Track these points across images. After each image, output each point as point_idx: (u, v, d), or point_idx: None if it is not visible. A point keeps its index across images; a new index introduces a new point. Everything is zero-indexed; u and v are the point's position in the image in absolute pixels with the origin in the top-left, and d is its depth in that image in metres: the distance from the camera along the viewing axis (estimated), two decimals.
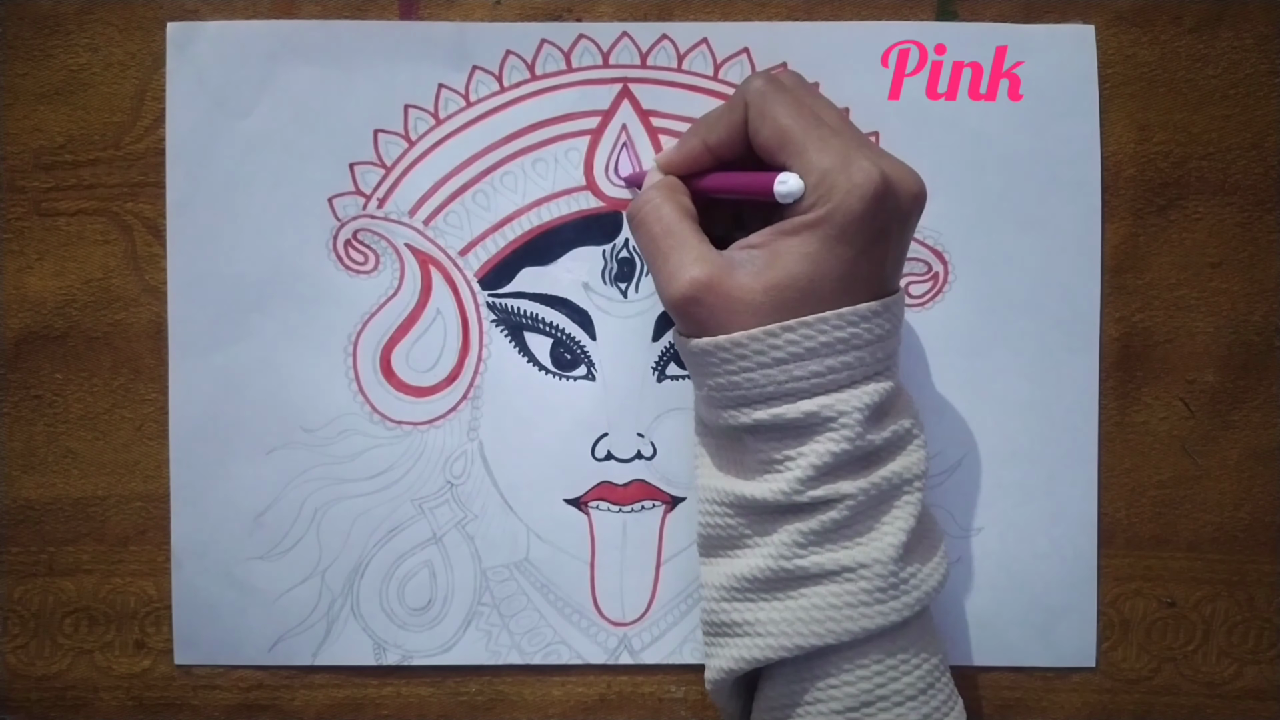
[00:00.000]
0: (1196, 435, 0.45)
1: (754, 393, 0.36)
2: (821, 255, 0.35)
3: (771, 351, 0.35)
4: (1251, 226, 0.45)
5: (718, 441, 0.39)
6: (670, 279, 0.36)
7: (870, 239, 0.35)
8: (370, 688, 0.45)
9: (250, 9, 0.44)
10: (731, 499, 0.37)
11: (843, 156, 0.34)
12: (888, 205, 0.35)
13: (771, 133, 0.36)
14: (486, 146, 0.44)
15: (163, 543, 0.45)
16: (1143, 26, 0.45)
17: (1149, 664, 0.45)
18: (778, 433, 0.36)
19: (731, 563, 0.38)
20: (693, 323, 0.37)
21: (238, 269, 0.44)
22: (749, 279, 0.35)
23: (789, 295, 0.35)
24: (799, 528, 0.36)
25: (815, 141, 0.35)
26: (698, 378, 0.38)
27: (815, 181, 0.35)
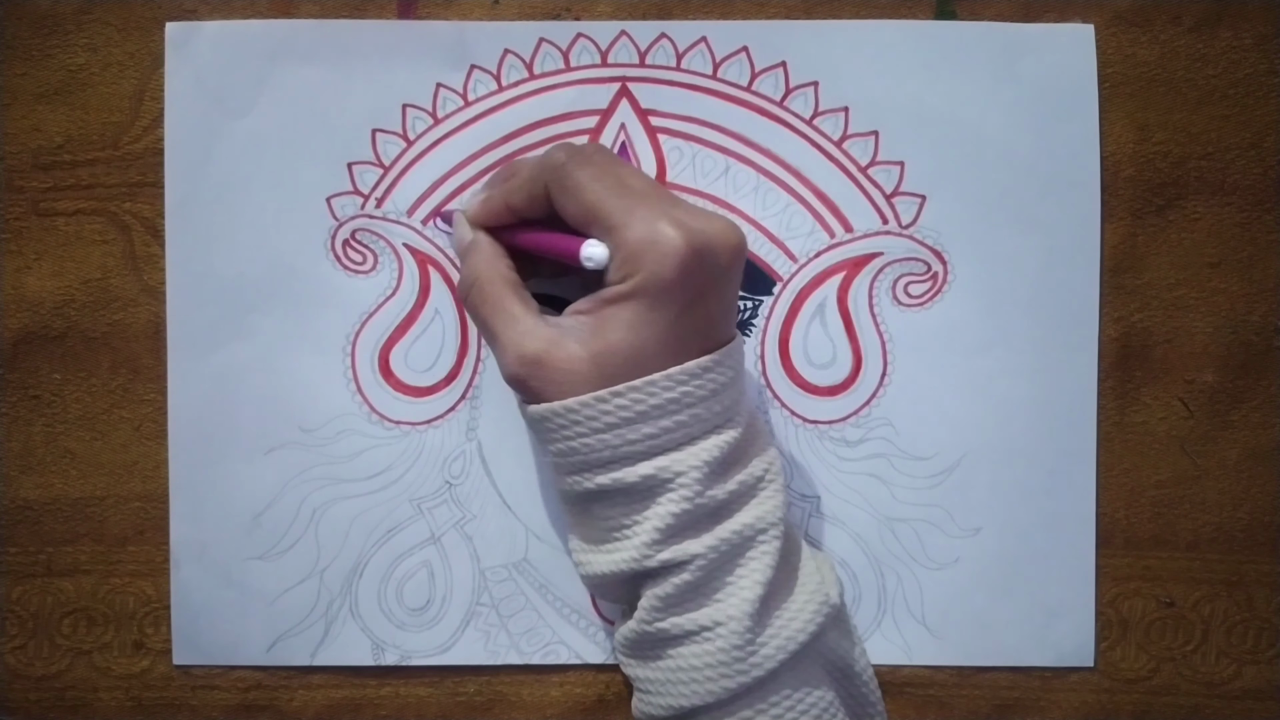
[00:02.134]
0: (1195, 435, 0.45)
1: (591, 458, 0.36)
2: (641, 323, 0.35)
3: (603, 417, 0.35)
4: (1251, 226, 0.45)
5: (572, 512, 0.40)
6: (501, 356, 0.37)
7: (688, 301, 0.35)
8: (369, 688, 0.45)
9: (248, 9, 0.44)
10: (599, 579, 0.38)
11: (649, 225, 0.34)
12: (702, 266, 0.35)
13: (576, 209, 0.36)
14: (485, 146, 0.44)
15: (161, 543, 0.45)
16: (1142, 26, 0.45)
17: (1148, 664, 0.45)
18: (621, 497, 0.37)
19: (620, 623, 0.40)
20: (528, 394, 0.37)
21: (236, 269, 0.44)
22: (577, 348, 0.36)
23: (614, 362, 0.35)
24: (655, 592, 0.37)
25: (620, 213, 0.35)
26: (541, 445, 0.38)
27: (625, 255, 0.35)
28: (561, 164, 0.37)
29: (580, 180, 0.36)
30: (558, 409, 0.36)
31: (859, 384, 0.45)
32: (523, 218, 0.39)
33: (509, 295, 0.38)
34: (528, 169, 0.38)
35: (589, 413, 0.36)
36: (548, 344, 0.36)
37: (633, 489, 0.36)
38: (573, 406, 0.36)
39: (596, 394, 0.35)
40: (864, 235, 0.45)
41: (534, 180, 0.37)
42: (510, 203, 0.39)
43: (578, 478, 0.37)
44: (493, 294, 0.38)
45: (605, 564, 0.38)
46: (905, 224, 0.45)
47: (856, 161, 0.45)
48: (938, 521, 0.45)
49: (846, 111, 0.44)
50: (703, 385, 0.36)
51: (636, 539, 0.36)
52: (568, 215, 0.37)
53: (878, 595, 0.45)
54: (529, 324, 0.37)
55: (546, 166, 0.37)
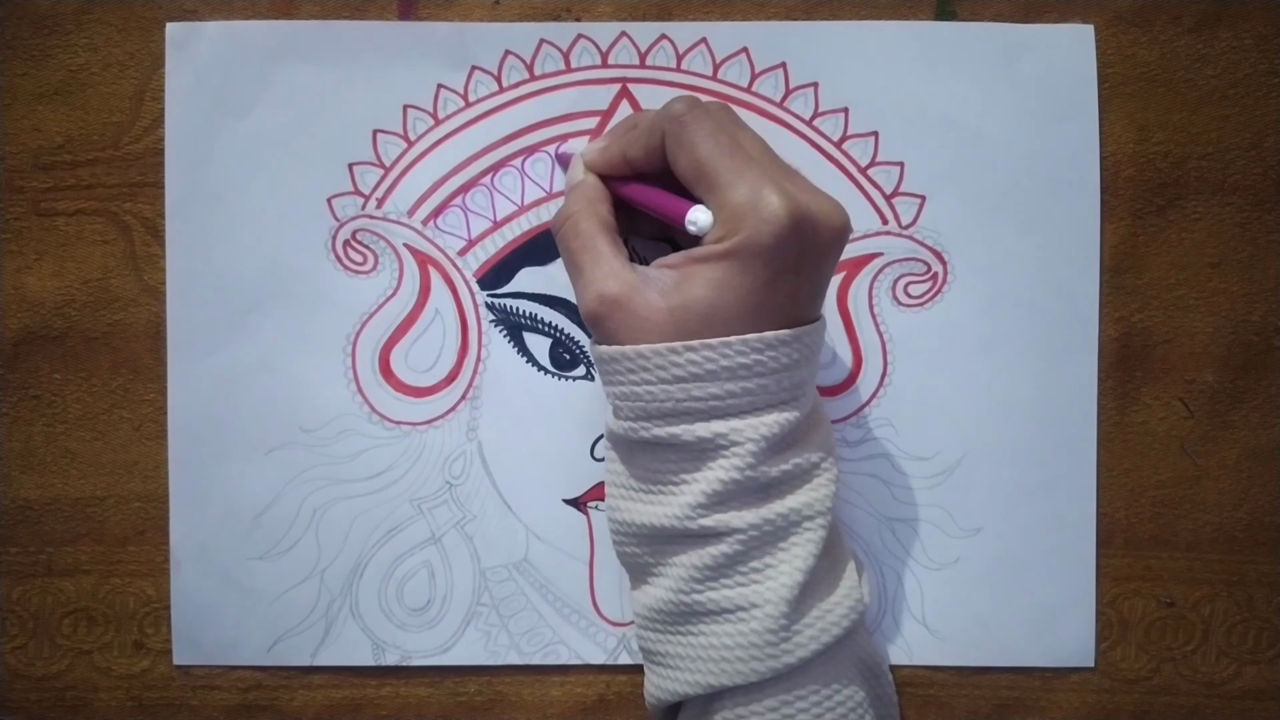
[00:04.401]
0: (1195, 435, 0.45)
1: (652, 406, 0.36)
2: (726, 284, 0.35)
3: (672, 368, 0.35)
4: (1250, 226, 0.45)
5: (621, 461, 0.39)
6: (583, 292, 0.37)
7: (778, 271, 0.35)
8: (369, 688, 0.45)
9: (249, 9, 0.44)
10: (633, 528, 0.38)
11: (755, 189, 0.35)
12: (800, 239, 0.35)
13: (688, 163, 0.36)
14: (485, 146, 0.44)
15: (161, 543, 0.45)
16: (1142, 26, 0.45)
17: (1148, 664, 0.45)
18: (673, 453, 0.37)
19: (641, 591, 0.39)
20: (603, 334, 0.37)
21: (236, 269, 0.44)
22: (656, 298, 0.36)
23: (691, 318, 0.35)
24: (693, 561, 0.36)
25: (729, 174, 0.35)
26: (607, 387, 0.38)
27: (727, 215, 0.35)
28: (679, 115, 0.37)
29: (696, 135, 0.36)
30: (628, 352, 0.36)
31: (859, 384, 0.45)
32: (637, 170, 0.39)
33: (601, 235, 0.38)
34: (648, 119, 0.39)
35: (659, 361, 0.35)
36: (629, 288, 0.36)
37: (687, 447, 0.36)
38: (644, 353, 0.36)
39: (670, 344, 0.35)
40: (864, 235, 0.45)
41: (652, 131, 0.38)
42: (627, 153, 0.39)
43: (635, 424, 0.37)
44: (586, 230, 0.38)
45: (644, 514, 0.37)
46: (905, 224, 0.45)
47: (856, 162, 0.45)
48: (938, 521, 0.45)
49: (846, 112, 0.44)
50: (776, 358, 0.36)
51: (681, 498, 0.36)
52: (678, 168, 0.37)
53: (878, 595, 0.45)
54: (614, 265, 0.37)
55: (666, 116, 0.37)
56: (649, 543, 0.38)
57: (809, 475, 0.37)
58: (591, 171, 0.40)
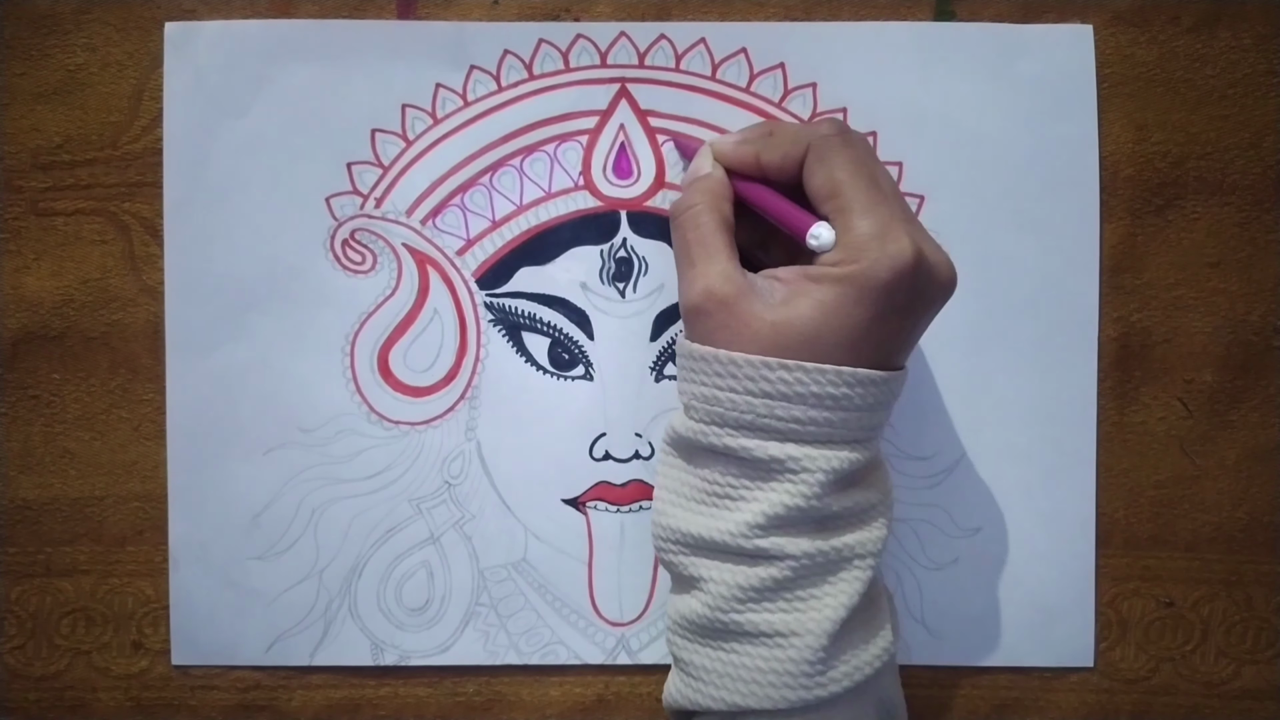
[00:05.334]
0: (1195, 435, 0.45)
1: (730, 415, 0.36)
2: (835, 310, 0.35)
3: (762, 381, 0.35)
4: (1250, 226, 0.45)
5: (682, 463, 0.39)
6: (690, 284, 0.37)
7: (888, 309, 0.35)
8: (368, 688, 0.45)
9: (248, 9, 0.44)
10: (680, 535, 0.37)
11: (884, 225, 0.35)
12: (914, 284, 0.35)
13: (824, 182, 0.36)
14: (484, 146, 0.44)
15: (160, 543, 0.45)
16: (1141, 26, 0.45)
17: (1147, 664, 0.45)
18: (739, 466, 0.36)
19: (676, 598, 0.38)
20: (698, 331, 0.37)
21: (235, 269, 0.44)
22: (761, 308, 0.36)
23: (792, 337, 0.35)
24: (739, 580, 0.36)
25: (862, 203, 0.35)
26: (685, 384, 0.38)
27: (850, 240, 0.35)
28: (829, 134, 0.37)
29: (840, 157, 0.36)
30: (721, 355, 0.36)
31: None
32: (763, 175, 0.39)
33: (719, 232, 0.38)
34: (792, 130, 0.39)
35: (750, 372, 0.35)
36: (738, 291, 0.36)
37: (755, 463, 0.36)
38: (737, 360, 0.35)
39: (766, 359, 0.35)
40: None
41: (796, 142, 0.38)
42: (764, 157, 0.39)
43: (707, 428, 0.37)
44: (707, 224, 0.38)
45: (697, 524, 0.37)
46: None
47: None
48: (937, 521, 0.45)
49: (845, 112, 0.44)
50: (864, 395, 0.36)
51: (739, 514, 0.36)
52: (813, 183, 0.37)
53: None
54: (727, 266, 0.37)
55: (813, 132, 0.37)
56: (694, 552, 0.37)
57: (865, 515, 0.37)
58: (719, 165, 0.40)
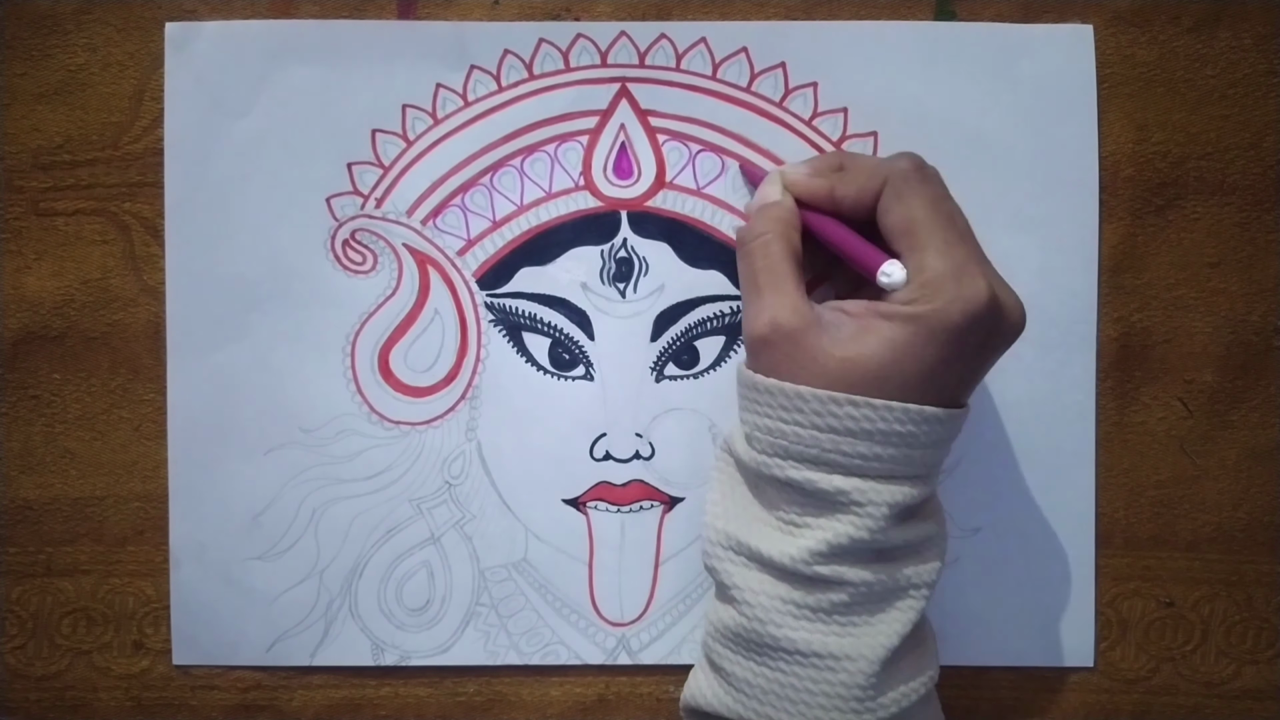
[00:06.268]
0: (1195, 435, 0.45)
1: (795, 449, 0.36)
2: (906, 349, 0.35)
3: (829, 417, 0.35)
4: (1250, 226, 0.45)
5: (740, 481, 0.39)
6: (757, 315, 0.37)
7: (958, 351, 0.35)
8: (368, 688, 0.45)
9: (248, 9, 0.44)
10: (736, 545, 0.37)
11: (959, 266, 0.35)
12: (987, 326, 0.35)
13: (900, 218, 0.36)
14: (484, 146, 0.44)
15: (161, 543, 0.45)
16: (1141, 26, 0.45)
17: (1147, 664, 0.45)
18: (800, 495, 0.36)
19: (720, 607, 0.38)
20: (763, 362, 0.37)
21: (236, 269, 0.44)
22: (829, 343, 0.35)
23: (860, 373, 0.35)
24: (793, 597, 0.36)
25: (939, 242, 0.35)
26: (747, 414, 0.38)
27: (925, 279, 0.35)
28: (908, 171, 0.37)
29: (918, 193, 0.36)
30: (788, 390, 0.36)
31: None
32: (834, 209, 0.39)
33: (789, 262, 0.38)
34: (868, 164, 0.39)
35: (818, 408, 0.35)
36: (805, 325, 0.36)
37: (820, 495, 0.36)
38: (804, 395, 0.35)
39: (833, 394, 0.35)
40: None
41: (873, 176, 0.37)
42: (838, 191, 0.39)
43: (770, 459, 0.37)
44: (776, 253, 0.38)
45: (754, 538, 0.37)
46: None
47: None
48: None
49: (846, 112, 0.44)
50: (929, 433, 0.36)
51: (802, 541, 0.36)
52: (889, 219, 0.37)
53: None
54: (796, 298, 0.37)
55: (891, 168, 0.37)
56: (746, 564, 0.37)
57: (922, 547, 0.37)
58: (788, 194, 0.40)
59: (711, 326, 0.45)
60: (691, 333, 0.45)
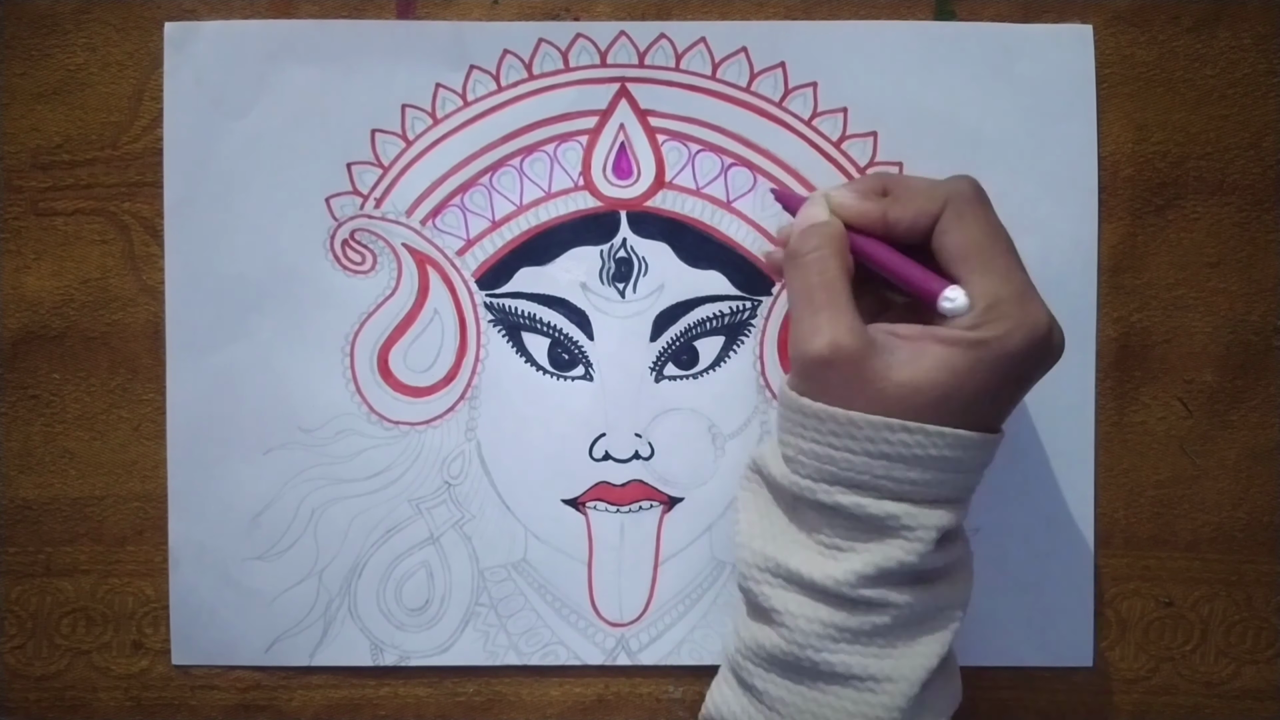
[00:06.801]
0: (1194, 435, 0.45)
1: (844, 474, 0.35)
2: (965, 374, 0.34)
3: (881, 444, 0.35)
4: (1250, 226, 0.45)
5: (773, 502, 0.38)
6: (812, 334, 0.35)
7: (1014, 377, 0.35)
8: (368, 688, 0.45)
9: (248, 9, 0.44)
10: (775, 567, 0.37)
11: (1021, 292, 0.35)
12: (1042, 355, 0.35)
13: (961, 241, 0.35)
14: (484, 146, 0.44)
15: (160, 543, 0.45)
16: (1141, 26, 0.45)
17: (1147, 664, 0.45)
18: (848, 521, 0.36)
19: (754, 627, 0.38)
20: (814, 384, 0.36)
21: (235, 269, 0.44)
22: (884, 367, 0.35)
23: (917, 398, 0.34)
24: (835, 620, 0.35)
25: (1001, 268, 0.35)
26: (790, 436, 0.37)
27: (987, 305, 0.34)
28: (968, 193, 0.36)
29: (980, 216, 0.36)
30: (840, 416, 0.35)
31: None
32: (886, 233, 0.37)
33: (845, 281, 0.36)
34: (923, 187, 0.37)
35: (870, 434, 0.35)
36: (865, 348, 0.35)
37: (868, 520, 0.35)
38: (857, 421, 0.35)
39: (889, 420, 0.34)
40: None
41: (931, 198, 0.36)
42: (891, 215, 0.37)
43: (815, 485, 0.36)
44: (833, 269, 0.36)
45: (795, 560, 0.36)
46: None
47: (855, 162, 0.45)
48: None
49: (845, 112, 0.44)
50: (975, 458, 0.35)
51: (847, 564, 0.35)
52: (947, 242, 0.36)
53: None
54: (853, 320, 0.35)
55: (952, 189, 0.36)
56: (786, 587, 0.37)
57: (956, 568, 0.37)
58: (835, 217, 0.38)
59: (711, 326, 0.45)
60: (691, 333, 0.45)
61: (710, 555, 0.45)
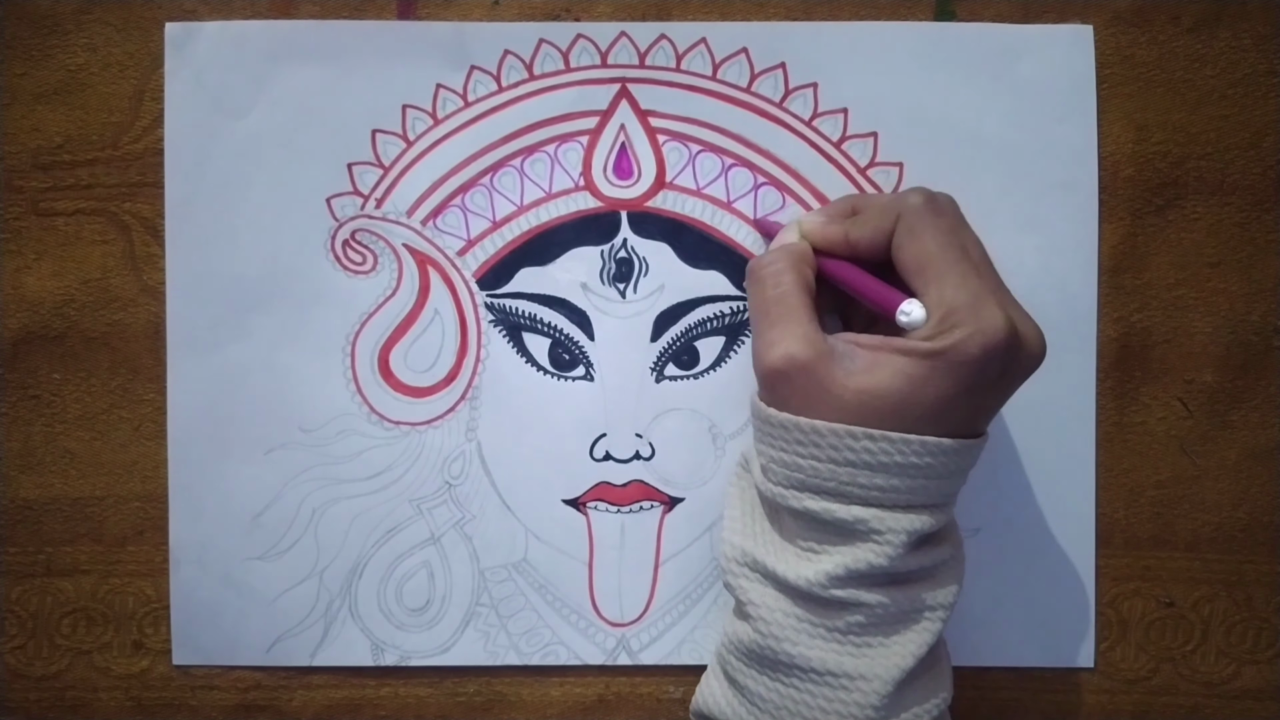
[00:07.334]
0: (1195, 435, 0.45)
1: (812, 482, 0.36)
2: (922, 383, 0.34)
3: (846, 451, 0.35)
4: (1250, 226, 0.45)
5: (758, 501, 0.39)
6: (769, 347, 0.36)
7: (976, 384, 0.35)
8: (368, 688, 0.45)
9: (248, 9, 0.44)
10: (752, 562, 0.38)
11: (976, 298, 0.34)
12: (1006, 360, 0.35)
13: (914, 254, 0.36)
14: (484, 146, 0.44)
15: (161, 543, 0.45)
16: (1141, 26, 0.45)
17: (1147, 664, 0.45)
18: (820, 525, 0.36)
19: (735, 622, 0.38)
20: (776, 394, 0.37)
21: (236, 269, 0.44)
22: (843, 375, 0.35)
23: (875, 405, 0.35)
24: (809, 615, 0.36)
25: (955, 276, 0.35)
26: (762, 445, 0.38)
27: (942, 314, 0.35)
28: (918, 206, 0.36)
29: (930, 228, 0.36)
30: (804, 425, 0.35)
31: None
32: (852, 253, 0.38)
33: (800, 293, 0.37)
34: (879, 203, 0.38)
35: (834, 442, 0.35)
36: (819, 357, 0.35)
37: (838, 524, 0.36)
38: (820, 430, 0.35)
39: (850, 428, 0.35)
40: None
41: (884, 214, 0.37)
42: (852, 235, 0.38)
43: (786, 491, 0.37)
44: (789, 283, 0.37)
45: (770, 558, 0.37)
46: None
47: (856, 163, 0.45)
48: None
49: (846, 113, 0.44)
50: (946, 465, 0.36)
51: (819, 565, 0.36)
52: (902, 255, 0.36)
53: None
54: (808, 328, 0.36)
55: (902, 203, 0.37)
56: (764, 582, 0.37)
57: (938, 570, 0.37)
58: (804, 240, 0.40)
59: (712, 327, 0.45)
60: (691, 333, 0.45)
61: (711, 555, 0.45)
